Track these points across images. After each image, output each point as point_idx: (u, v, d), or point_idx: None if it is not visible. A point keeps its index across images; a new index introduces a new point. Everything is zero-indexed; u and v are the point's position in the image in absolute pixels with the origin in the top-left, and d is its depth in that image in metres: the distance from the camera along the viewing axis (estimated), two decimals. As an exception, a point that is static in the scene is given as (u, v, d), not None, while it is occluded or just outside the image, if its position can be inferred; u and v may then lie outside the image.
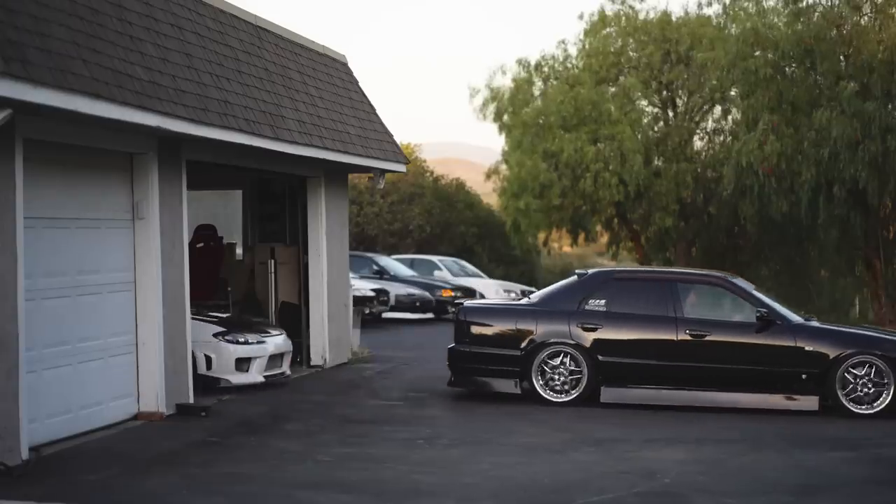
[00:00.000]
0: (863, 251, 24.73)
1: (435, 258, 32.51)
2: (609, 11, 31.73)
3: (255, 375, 13.95)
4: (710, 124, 31.67)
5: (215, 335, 13.72)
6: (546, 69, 32.08)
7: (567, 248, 49.44)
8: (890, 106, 22.48)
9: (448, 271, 31.11)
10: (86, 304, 10.88)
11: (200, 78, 11.99)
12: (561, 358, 13.23)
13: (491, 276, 34.11)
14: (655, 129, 31.55)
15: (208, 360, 13.59)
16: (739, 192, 24.80)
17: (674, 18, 31.26)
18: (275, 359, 14.33)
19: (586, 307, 13.39)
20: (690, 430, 11.89)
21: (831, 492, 9.08)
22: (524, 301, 14.42)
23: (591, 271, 14.30)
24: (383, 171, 18.14)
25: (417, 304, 27.00)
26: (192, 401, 12.43)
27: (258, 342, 14.04)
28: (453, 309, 27.50)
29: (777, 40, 23.96)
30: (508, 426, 11.97)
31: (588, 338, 13.26)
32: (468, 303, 14.62)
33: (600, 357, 13.20)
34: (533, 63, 31.98)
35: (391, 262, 29.19)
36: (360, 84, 18.05)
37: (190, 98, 11.48)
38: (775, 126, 23.22)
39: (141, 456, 10.01)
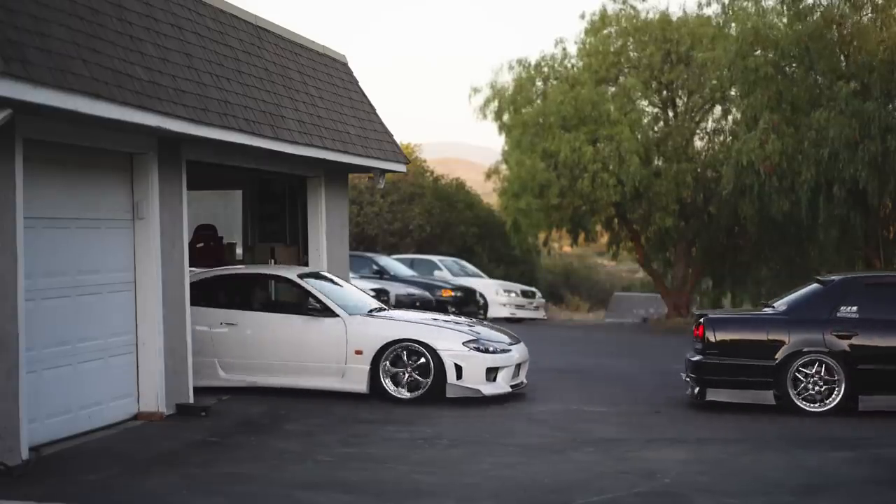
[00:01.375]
0: (863, 251, 24.72)
1: (435, 258, 32.51)
2: (610, 11, 31.72)
3: (502, 385, 13.56)
4: (710, 124, 31.64)
5: (465, 343, 13.41)
6: (546, 69, 32.07)
7: (567, 248, 49.49)
8: (890, 106, 22.48)
9: (448, 271, 31.11)
10: (86, 304, 10.88)
11: (200, 78, 11.99)
12: (815, 367, 13.00)
13: (491, 276, 34.11)
14: (655, 129, 31.53)
15: (458, 369, 13.26)
16: (739, 192, 24.80)
17: (674, 18, 31.24)
18: (517, 368, 13.99)
19: (838, 315, 13.13)
20: (691, 430, 11.89)
21: (832, 492, 9.08)
22: (767, 311, 13.97)
23: (836, 278, 14.00)
24: (383, 171, 18.13)
25: (417, 303, 26.97)
26: (191, 401, 12.43)
27: (505, 351, 13.71)
28: (453, 308, 27.57)
29: (777, 40, 23.96)
30: (509, 426, 11.97)
31: (844, 346, 13.01)
32: (713, 314, 13.99)
33: (859, 365, 12.95)
34: (533, 63, 31.97)
35: (391, 262, 29.19)
36: (360, 84, 18.05)
37: (190, 98, 11.48)
38: (776, 125, 23.22)
39: (141, 456, 10.01)
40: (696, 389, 13.41)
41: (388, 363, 13.38)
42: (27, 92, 8.70)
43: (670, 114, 31.84)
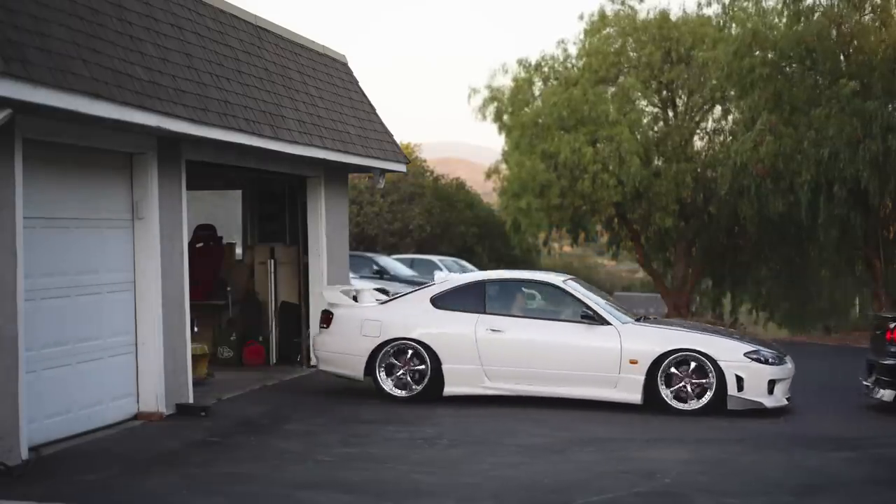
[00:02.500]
0: (863, 251, 24.72)
1: (435, 258, 32.50)
2: (609, 11, 31.71)
3: (780, 398, 13.06)
4: (710, 124, 31.64)
5: (746, 354, 13.01)
6: (546, 69, 32.05)
7: (567, 248, 49.49)
8: (891, 105, 22.47)
9: (448, 271, 31.10)
10: (85, 304, 10.88)
11: (200, 78, 11.99)
12: None
13: (491, 275, 34.02)
14: (655, 129, 31.51)
15: (739, 380, 12.77)
16: (738, 193, 24.81)
17: (673, 19, 31.23)
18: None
19: None
20: (691, 430, 11.89)
21: (832, 492, 9.08)
22: None
23: None
24: (383, 171, 18.14)
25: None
26: (191, 401, 12.42)
27: (782, 362, 13.29)
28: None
29: (776, 40, 23.97)
30: (509, 426, 11.96)
31: None
32: None
33: None
34: (533, 63, 31.96)
35: (391, 262, 29.19)
36: (360, 84, 18.05)
37: (190, 98, 11.48)
38: (773, 126, 23.22)
39: (141, 456, 10.01)
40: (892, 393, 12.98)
41: (665, 373, 12.92)
42: (27, 92, 8.70)
43: (670, 114, 31.83)
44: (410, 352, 13.50)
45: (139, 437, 11.02)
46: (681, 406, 12.85)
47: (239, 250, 19.37)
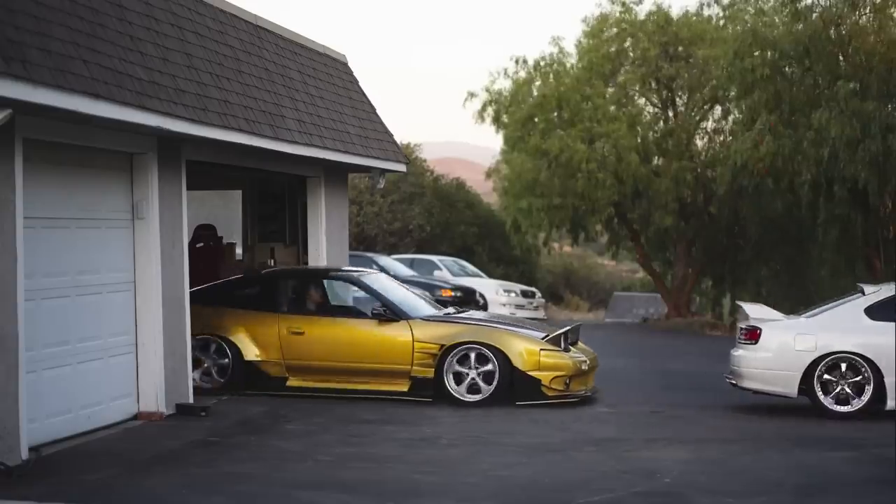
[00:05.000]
0: (863, 251, 24.72)
1: (435, 258, 32.49)
2: (609, 12, 31.71)
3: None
4: (710, 123, 31.65)
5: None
6: (544, 67, 32.05)
7: (567, 248, 49.50)
8: (890, 105, 22.49)
9: (448, 271, 31.09)
10: (86, 304, 10.88)
11: (200, 78, 11.99)
12: None
13: (491, 276, 34.10)
14: (655, 128, 31.52)
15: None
16: (738, 192, 24.82)
17: (674, 17, 31.24)
18: None
19: None
20: (691, 430, 11.89)
21: (832, 492, 9.08)
22: None
23: None
24: (383, 171, 18.14)
25: (418, 303, 26.94)
26: (191, 401, 12.43)
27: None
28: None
29: (776, 40, 23.98)
30: (509, 426, 11.97)
31: None
32: None
33: None
34: (531, 63, 31.96)
35: (391, 262, 29.16)
36: (360, 84, 18.05)
37: (190, 98, 11.48)
38: (773, 126, 23.23)
39: (141, 456, 10.01)
40: None
41: None
42: (27, 92, 8.70)
43: (670, 113, 31.83)
44: (844, 365, 12.85)
45: (139, 437, 11.02)
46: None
47: (239, 250, 19.38)
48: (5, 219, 9.25)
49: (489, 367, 13.23)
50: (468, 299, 28.27)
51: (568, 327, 14.30)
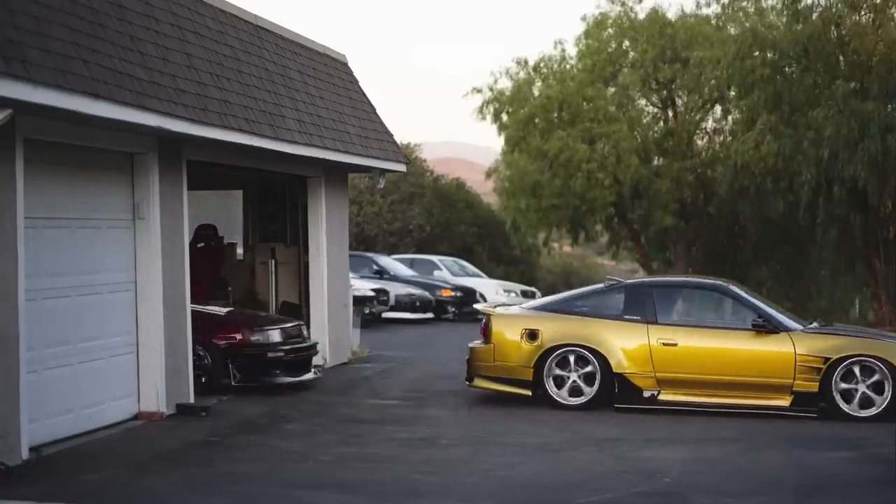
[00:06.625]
0: (863, 251, 24.74)
1: (435, 258, 32.51)
2: (609, 12, 31.73)
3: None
4: (710, 124, 31.68)
5: None
6: (545, 69, 32.07)
7: (567, 248, 49.51)
8: (889, 106, 22.51)
9: (448, 271, 31.11)
10: (87, 304, 10.88)
11: (200, 78, 12.00)
12: None
13: (491, 276, 34.11)
14: (655, 128, 31.54)
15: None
16: (738, 193, 24.85)
17: (672, 18, 31.27)
18: None
19: None
20: (690, 430, 11.89)
21: (831, 492, 9.08)
22: None
23: None
24: (383, 171, 18.14)
25: (417, 304, 27.00)
26: (192, 401, 12.44)
27: None
28: (452, 309, 27.54)
29: (775, 40, 23.99)
30: (508, 426, 11.97)
31: None
32: None
33: None
34: (532, 63, 31.98)
35: (391, 262, 29.19)
36: (360, 84, 18.05)
37: (190, 98, 11.49)
38: (773, 126, 23.25)
39: (141, 456, 10.01)
40: None
41: None
42: (27, 92, 8.70)
43: (670, 113, 31.85)
44: None
45: (140, 436, 11.03)
46: None
47: (240, 250, 19.40)
48: (6, 219, 9.26)
49: (876, 377, 12.49)
50: (468, 299, 28.32)
51: None
